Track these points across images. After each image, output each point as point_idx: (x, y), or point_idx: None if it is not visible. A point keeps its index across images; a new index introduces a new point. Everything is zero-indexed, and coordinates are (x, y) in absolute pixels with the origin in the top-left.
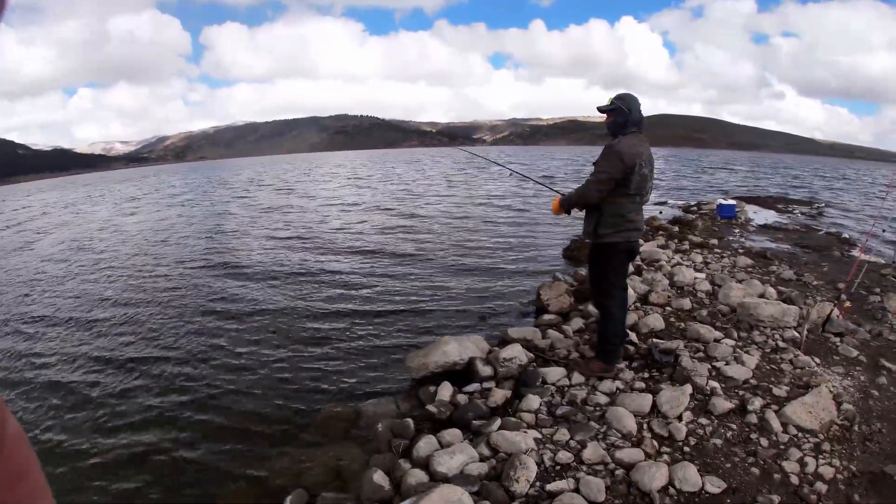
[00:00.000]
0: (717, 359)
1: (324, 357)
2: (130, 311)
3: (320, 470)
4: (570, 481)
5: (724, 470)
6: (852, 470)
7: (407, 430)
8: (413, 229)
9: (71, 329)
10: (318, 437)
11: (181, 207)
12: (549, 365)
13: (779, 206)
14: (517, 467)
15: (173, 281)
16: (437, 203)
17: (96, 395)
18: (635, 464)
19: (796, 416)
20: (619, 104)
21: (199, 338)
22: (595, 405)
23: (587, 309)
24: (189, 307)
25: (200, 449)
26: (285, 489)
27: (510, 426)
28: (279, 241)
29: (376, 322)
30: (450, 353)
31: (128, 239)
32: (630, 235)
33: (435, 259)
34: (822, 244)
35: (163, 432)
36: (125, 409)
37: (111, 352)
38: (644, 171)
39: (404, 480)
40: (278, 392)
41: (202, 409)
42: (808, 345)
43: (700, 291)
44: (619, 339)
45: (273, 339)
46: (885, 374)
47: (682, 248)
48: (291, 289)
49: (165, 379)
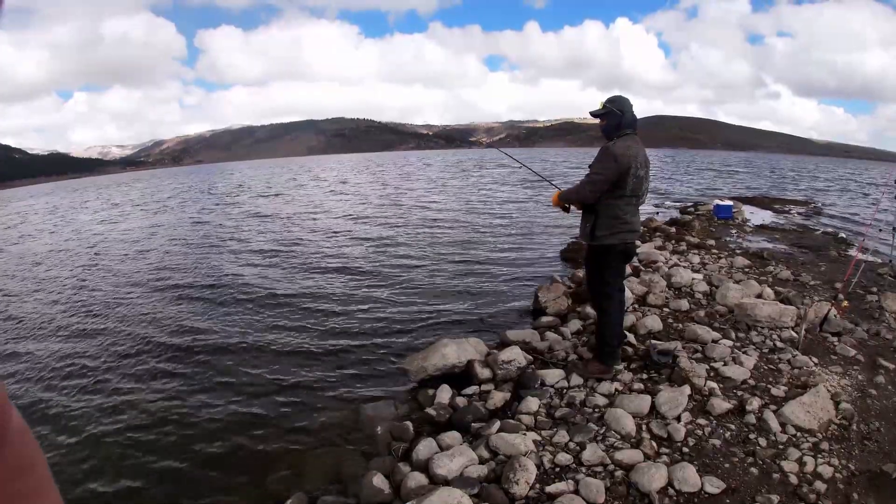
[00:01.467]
0: (716, 359)
1: (322, 361)
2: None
3: (320, 473)
4: (570, 483)
5: (724, 470)
6: (851, 469)
7: (406, 433)
8: (410, 232)
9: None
10: (318, 440)
11: (168, 214)
12: (547, 367)
13: (776, 206)
14: (517, 469)
15: (168, 287)
16: (434, 206)
17: (99, 396)
18: (634, 465)
19: (795, 415)
20: (611, 107)
21: (196, 342)
22: (594, 407)
23: (585, 311)
24: (184, 310)
25: (199, 453)
26: (285, 493)
27: (509, 428)
28: (277, 245)
29: (374, 325)
30: (448, 355)
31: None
32: (627, 237)
33: (432, 262)
34: (819, 244)
35: (161, 437)
36: (124, 416)
37: (106, 359)
38: (639, 173)
39: (404, 483)
40: (277, 396)
41: (200, 414)
42: (805, 345)
43: (697, 292)
44: (617, 340)
45: (271, 344)
46: (883, 373)
47: (680, 249)
48: (289, 292)
49: (164, 384)
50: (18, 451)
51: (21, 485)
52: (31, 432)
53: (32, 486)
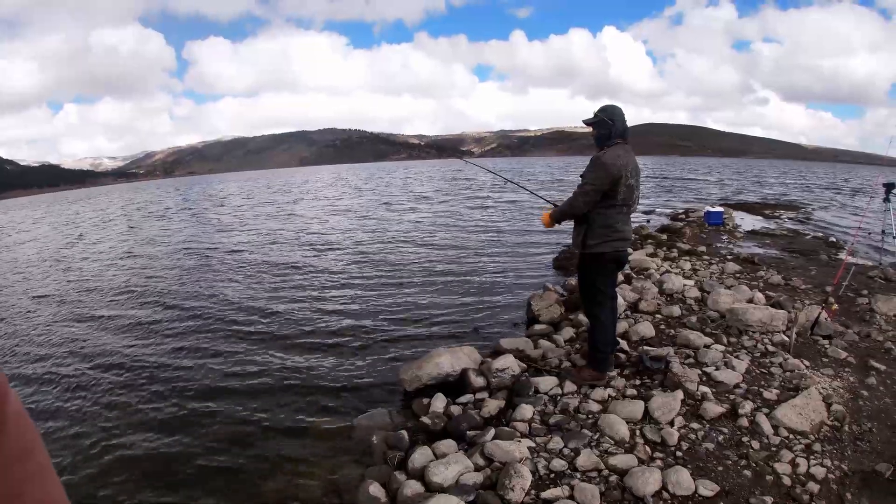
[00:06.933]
0: (708, 364)
1: (317, 371)
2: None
3: (316, 483)
4: (565, 488)
5: (717, 473)
6: (844, 469)
7: (402, 442)
8: (402, 242)
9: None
10: (314, 450)
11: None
12: (541, 374)
13: (766, 211)
14: (512, 476)
15: (164, 295)
16: (426, 215)
17: (91, 409)
18: (629, 469)
19: (787, 418)
20: (602, 116)
21: (190, 353)
22: (588, 413)
23: (578, 318)
24: (178, 321)
25: (195, 464)
26: (282, 502)
27: (504, 436)
28: (268, 256)
29: (368, 335)
30: (443, 364)
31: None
32: (618, 245)
33: (425, 271)
34: (810, 248)
35: (154, 446)
36: (118, 423)
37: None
38: (630, 182)
39: (400, 492)
40: (272, 406)
41: (196, 424)
42: (797, 348)
43: (689, 298)
44: (609, 347)
45: (266, 354)
46: (875, 375)
47: (671, 255)
48: (283, 303)
49: (157, 394)
50: (17, 436)
51: (20, 470)
52: (28, 417)
53: (32, 472)
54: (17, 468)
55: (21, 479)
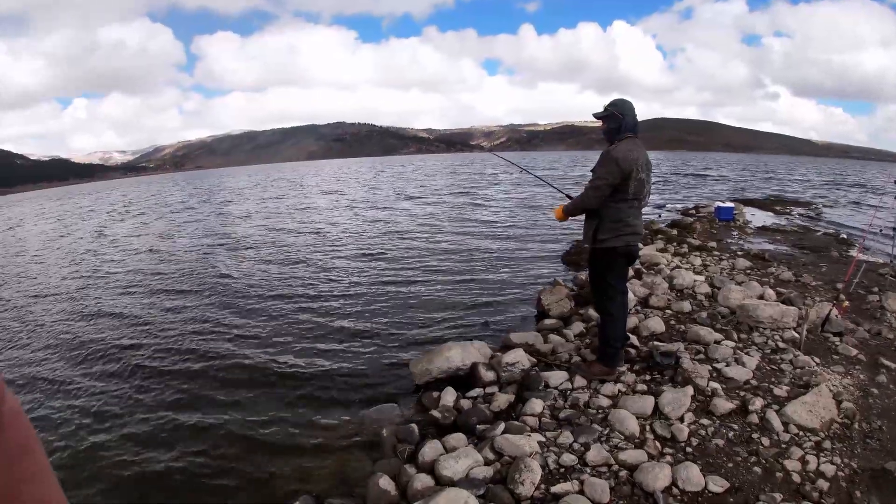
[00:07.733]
0: (718, 360)
1: (328, 364)
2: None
3: (326, 476)
4: (575, 483)
5: (727, 469)
6: (853, 467)
7: (412, 436)
8: (412, 236)
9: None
10: (324, 443)
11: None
12: (551, 369)
13: (777, 207)
14: (522, 470)
15: (168, 286)
16: (436, 209)
17: (104, 403)
18: (639, 465)
19: (797, 415)
20: (612, 110)
21: (202, 345)
22: (597, 408)
23: (588, 313)
24: (189, 314)
25: (206, 456)
26: (291, 495)
27: (514, 430)
28: (279, 246)
29: (378, 329)
30: (453, 358)
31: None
32: (629, 240)
33: (435, 266)
34: (820, 245)
35: (165, 440)
36: (129, 418)
37: (119, 360)
38: (641, 176)
39: (410, 485)
40: (283, 399)
41: (207, 417)
42: (807, 345)
43: (699, 294)
44: (620, 342)
45: (276, 348)
46: (885, 373)
47: (682, 251)
48: (294, 298)
49: (171, 388)
50: (15, 434)
51: (19, 470)
52: (26, 416)
53: (30, 471)
54: (16, 467)
55: (20, 478)
